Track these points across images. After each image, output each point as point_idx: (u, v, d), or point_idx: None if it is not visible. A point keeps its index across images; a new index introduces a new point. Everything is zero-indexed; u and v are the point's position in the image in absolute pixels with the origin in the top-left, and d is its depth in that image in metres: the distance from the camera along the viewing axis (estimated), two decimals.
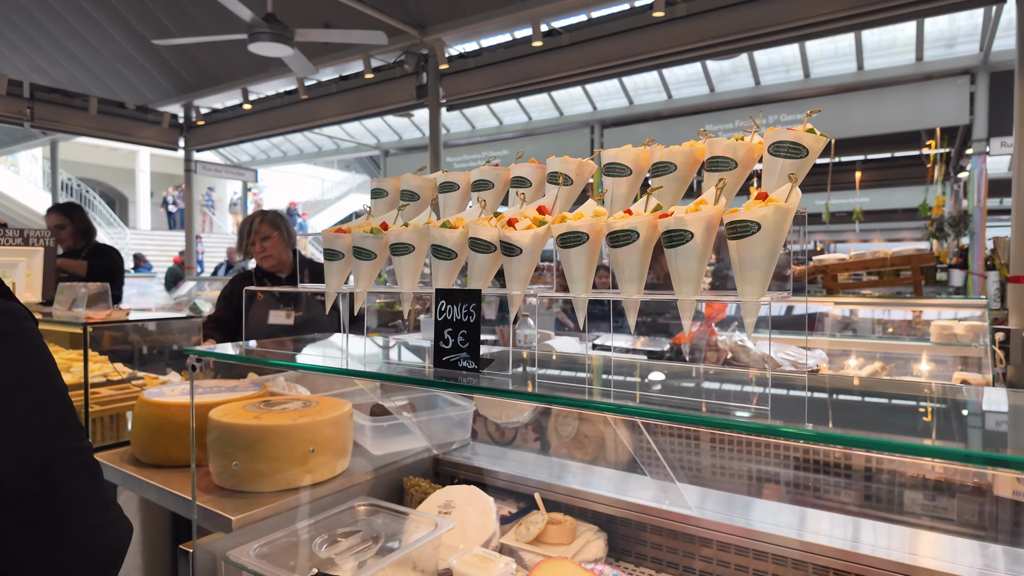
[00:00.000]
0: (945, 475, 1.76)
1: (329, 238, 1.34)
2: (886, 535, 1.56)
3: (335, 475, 1.87)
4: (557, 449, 2.06)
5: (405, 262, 1.22)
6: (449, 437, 2.23)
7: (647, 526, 1.79)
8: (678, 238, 0.89)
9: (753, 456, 1.92)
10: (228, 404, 1.93)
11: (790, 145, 0.94)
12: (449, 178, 1.35)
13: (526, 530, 1.78)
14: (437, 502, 1.88)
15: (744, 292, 0.85)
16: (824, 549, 1.50)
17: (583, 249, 1.00)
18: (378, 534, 1.66)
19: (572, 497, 1.86)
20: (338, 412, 1.88)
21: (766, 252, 0.84)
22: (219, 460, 1.76)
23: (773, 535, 1.57)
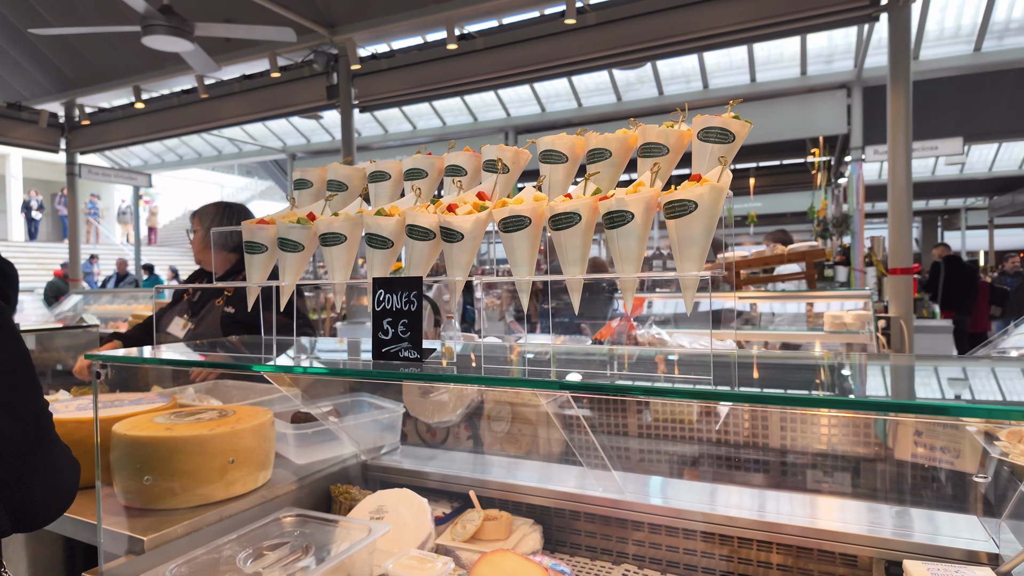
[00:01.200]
0: (849, 446, 1.91)
1: (250, 230, 1.26)
2: (801, 505, 1.66)
3: (257, 487, 1.76)
4: (491, 446, 2.05)
5: (336, 253, 1.17)
6: (378, 441, 2.16)
7: (581, 514, 1.82)
8: (619, 219, 0.91)
9: (682, 440, 2.00)
10: (134, 417, 1.78)
11: (719, 131, 0.98)
12: (380, 167, 1.31)
13: (462, 529, 1.75)
14: (368, 508, 1.82)
15: (683, 268, 0.88)
16: (747, 522, 1.59)
17: (525, 233, 1.00)
18: (308, 544, 1.58)
19: (507, 492, 1.86)
20: (259, 420, 1.78)
21: (703, 230, 0.87)
22: (127, 478, 1.61)
23: (701, 512, 1.64)
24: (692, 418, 2.06)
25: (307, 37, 6.08)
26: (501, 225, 1.00)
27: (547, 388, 1.02)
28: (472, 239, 1.04)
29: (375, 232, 1.12)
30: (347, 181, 1.35)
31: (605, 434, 1.99)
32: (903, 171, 4.17)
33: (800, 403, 0.85)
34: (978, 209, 20.89)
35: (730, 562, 1.64)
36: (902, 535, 1.44)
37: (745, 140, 4.00)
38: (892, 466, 1.74)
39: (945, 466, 1.56)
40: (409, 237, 1.09)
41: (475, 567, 1.32)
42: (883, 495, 1.77)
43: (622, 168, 1.11)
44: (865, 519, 1.55)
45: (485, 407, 2.13)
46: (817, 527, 1.54)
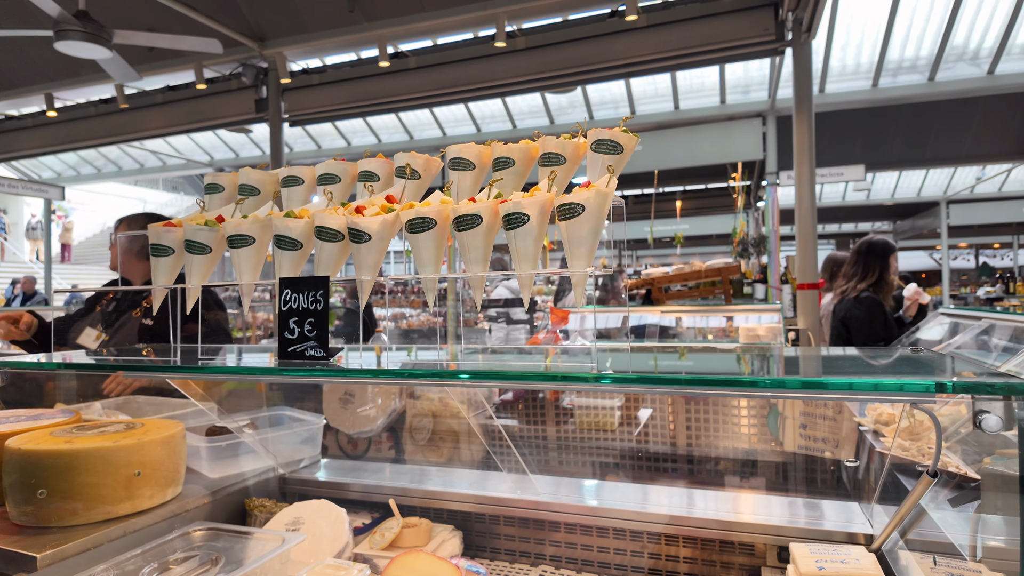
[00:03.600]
0: (746, 443, 2.03)
1: (156, 232, 1.25)
2: (704, 499, 1.76)
3: (166, 501, 1.71)
4: (412, 455, 2.07)
5: (245, 255, 1.18)
6: (296, 455, 2.13)
7: (500, 518, 1.85)
8: (516, 220, 0.97)
9: (596, 444, 2.07)
10: (30, 432, 1.69)
11: (609, 143, 1.07)
12: (293, 172, 1.33)
13: (380, 537, 1.76)
14: (284, 520, 1.80)
15: (573, 266, 0.95)
16: (656, 517, 1.67)
17: (431, 235, 1.04)
18: (217, 556, 1.54)
19: (428, 499, 1.87)
20: (168, 432, 1.73)
21: (590, 230, 0.95)
22: (20, 496, 1.53)
23: (613, 510, 1.71)
24: (605, 422, 2.14)
25: (235, 50, 5.97)
26: (408, 226, 1.05)
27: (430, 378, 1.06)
28: (380, 240, 1.07)
29: (283, 234, 1.14)
30: (259, 186, 1.36)
31: (523, 440, 2.05)
32: (807, 193, 4.50)
33: (669, 383, 0.93)
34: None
35: (641, 557, 1.71)
36: (790, 522, 1.55)
37: (672, 164, 4.34)
38: (781, 459, 1.87)
39: (826, 455, 1.69)
40: (318, 239, 1.12)
41: (387, 569, 1.33)
42: (775, 486, 1.89)
43: (525, 176, 1.18)
44: (760, 510, 1.66)
45: (407, 417, 2.14)
46: (718, 519, 1.64)
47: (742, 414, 1.98)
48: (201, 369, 1.21)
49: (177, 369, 1.18)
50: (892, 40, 7.97)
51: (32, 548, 1.39)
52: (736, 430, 1.95)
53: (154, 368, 1.25)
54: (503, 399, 1.99)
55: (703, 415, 2.04)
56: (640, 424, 2.09)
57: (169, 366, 1.20)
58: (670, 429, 2.03)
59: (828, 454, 1.65)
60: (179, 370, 1.16)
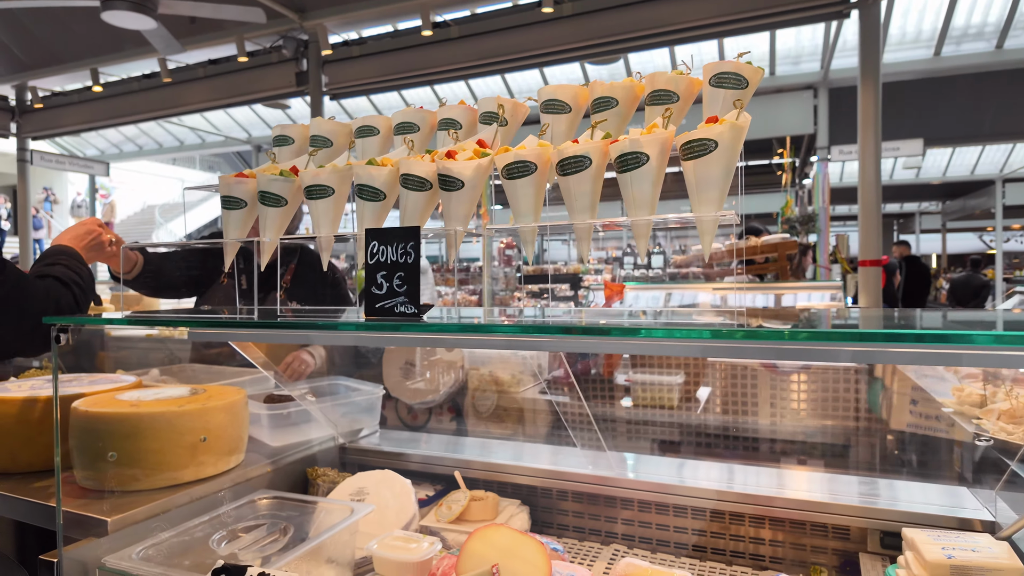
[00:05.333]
0: (840, 420, 1.90)
1: (228, 184, 1.18)
2: (793, 479, 1.65)
3: (229, 469, 1.67)
4: (475, 427, 1.99)
5: (323, 207, 1.10)
6: (356, 424, 2.08)
7: (568, 494, 1.77)
8: (633, 161, 0.86)
9: (673, 418, 1.97)
10: (96, 395, 1.67)
11: (733, 76, 0.95)
12: (368, 122, 1.24)
13: (447, 509, 1.69)
14: (348, 490, 1.74)
15: (701, 212, 0.84)
16: (738, 496, 1.56)
17: (530, 180, 0.94)
18: (285, 526, 1.50)
19: (493, 472, 1.80)
20: (232, 398, 1.68)
21: (722, 170, 0.84)
22: (88, 459, 1.50)
23: (691, 488, 1.61)
24: (682, 396, 2.04)
25: (276, 21, 5.91)
26: (505, 172, 0.95)
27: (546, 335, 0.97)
28: (472, 188, 0.98)
29: (366, 183, 1.06)
30: (331, 137, 1.28)
31: (592, 415, 1.95)
32: (872, 165, 4.26)
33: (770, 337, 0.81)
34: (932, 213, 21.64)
35: (722, 539, 1.62)
36: (892, 504, 1.43)
37: None
38: (881, 438, 1.74)
39: (939, 436, 1.56)
40: (403, 187, 1.03)
41: (468, 543, 1.26)
42: (868, 466, 1.77)
43: (628, 119, 1.07)
44: (857, 491, 1.54)
45: (469, 388, 2.07)
46: (808, 499, 1.53)
47: (830, 387, 1.85)
48: (291, 325, 1.14)
49: (256, 325, 1.10)
50: (958, 5, 7.51)
51: (101, 512, 1.36)
52: (831, 404, 1.83)
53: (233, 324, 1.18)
54: (559, 374, 1.90)
55: (788, 387, 1.91)
56: (720, 397, 1.98)
57: (312, 322, 1.12)
58: (751, 403, 1.91)
59: (939, 435, 1.52)
60: (328, 326, 1.07)
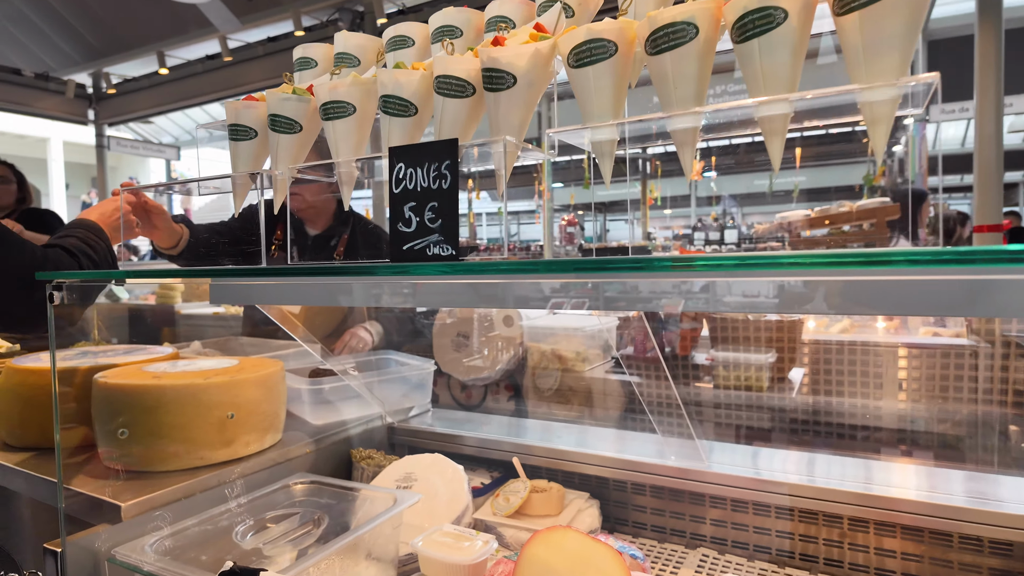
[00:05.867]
0: (969, 405, 1.56)
1: (235, 110, 0.97)
2: (930, 477, 1.33)
3: (264, 449, 1.50)
4: (536, 408, 1.75)
5: (342, 129, 0.88)
6: (405, 402, 1.89)
7: (646, 488, 1.51)
8: (764, 22, 0.59)
9: (773, 403, 1.67)
10: (124, 366, 1.53)
11: None
12: (400, 31, 1.00)
13: (505, 501, 1.46)
14: (394, 475, 1.55)
15: (874, 84, 0.56)
16: (858, 498, 1.26)
17: (608, 67, 0.68)
18: (320, 516, 1.31)
19: (557, 460, 1.56)
20: (265, 371, 1.51)
21: (904, 25, 0.55)
22: (108, 435, 1.37)
23: (798, 485, 1.32)
24: (776, 375, 1.73)
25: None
26: (573, 57, 0.69)
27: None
28: (528, 85, 0.73)
29: (392, 93, 0.82)
30: (359, 53, 1.05)
31: (671, 398, 1.67)
32: (992, 121, 3.69)
33: None
34: None
35: (839, 548, 1.32)
36: None
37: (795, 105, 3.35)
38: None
39: None
40: (438, 94, 0.79)
41: (529, 546, 1.02)
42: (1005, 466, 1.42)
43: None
44: (979, 489, 1.21)
45: (529, 364, 1.83)
46: (957, 505, 1.21)
47: (975, 362, 1.50)
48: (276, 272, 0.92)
49: (343, 270, 0.86)
50: None
51: (116, 496, 1.21)
52: (965, 384, 1.48)
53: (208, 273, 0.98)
54: (630, 351, 1.62)
55: (918, 363, 1.58)
56: (829, 377, 1.66)
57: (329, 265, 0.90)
58: (873, 383, 1.58)
59: None
60: (344, 270, 0.83)
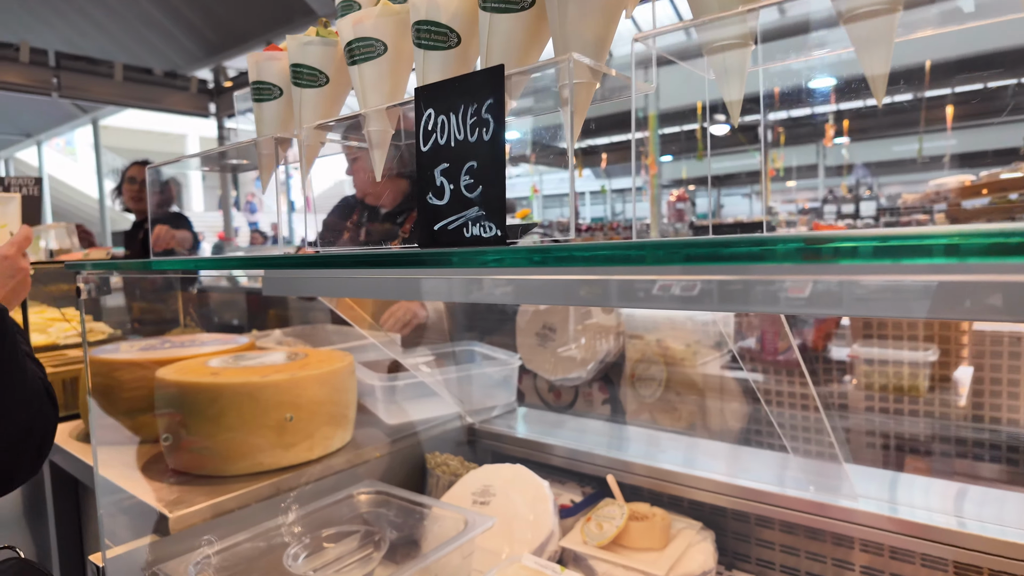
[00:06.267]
0: None
1: (257, 64, 0.80)
2: None
3: (330, 452, 1.36)
4: (636, 414, 1.50)
5: (371, 73, 0.67)
6: (488, 400, 1.70)
7: (775, 523, 1.22)
8: None
9: (945, 415, 1.32)
10: (190, 359, 1.45)
11: None
12: None
13: (597, 528, 1.23)
14: (472, 487, 1.36)
15: None
16: None
17: None
18: (382, 537, 1.15)
19: (662, 481, 1.30)
20: (331, 366, 1.37)
21: None
22: (166, 434, 1.28)
23: (982, 538, 0.98)
24: (946, 376, 1.36)
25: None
26: None
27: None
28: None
29: (427, 18, 0.60)
30: None
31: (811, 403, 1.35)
32: None
33: None
34: None
35: None
36: None
37: (944, 53, 2.75)
38: None
39: None
40: (484, 9, 0.56)
41: None
42: None
43: None
44: None
45: (628, 362, 1.57)
46: None
47: None
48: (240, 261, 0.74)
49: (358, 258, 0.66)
50: None
51: (169, 504, 1.11)
52: None
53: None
54: (766, 350, 1.31)
55: None
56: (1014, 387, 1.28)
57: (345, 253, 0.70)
58: None
59: None
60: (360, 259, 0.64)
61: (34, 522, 1.65)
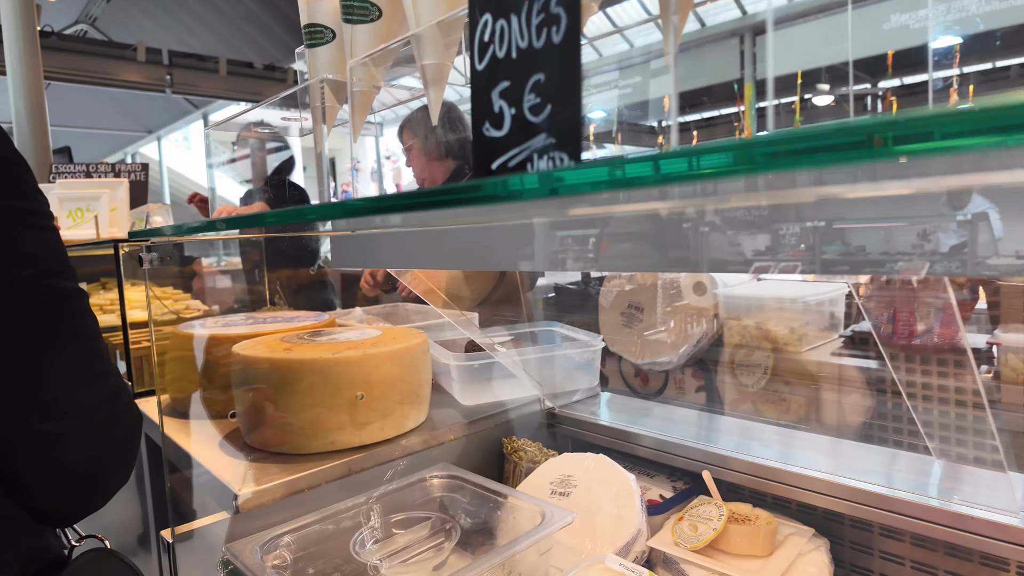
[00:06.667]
0: None
1: (308, 5, 0.73)
2: None
3: (403, 432, 1.31)
4: (736, 405, 1.34)
5: (425, 2, 0.57)
6: (568, 384, 1.59)
7: (907, 535, 1.04)
8: None
9: None
10: (266, 335, 1.44)
11: None
12: None
13: (691, 530, 1.10)
14: (550, 476, 1.27)
15: None
16: None
17: None
18: (453, 526, 1.07)
19: (765, 480, 1.15)
20: (404, 344, 1.31)
21: None
22: (241, 410, 1.27)
23: None
24: None
25: None
26: None
27: None
28: None
29: None
30: None
31: (967, 397, 1.14)
32: None
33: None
34: None
35: None
36: None
37: None
38: None
39: None
40: None
41: None
42: None
43: None
44: None
45: (727, 347, 1.41)
46: None
47: None
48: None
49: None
50: None
51: (239, 481, 1.08)
52: None
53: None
54: (897, 332, 1.12)
55: None
56: None
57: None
58: None
59: None
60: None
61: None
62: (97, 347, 0.74)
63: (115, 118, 13.60)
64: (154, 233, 0.97)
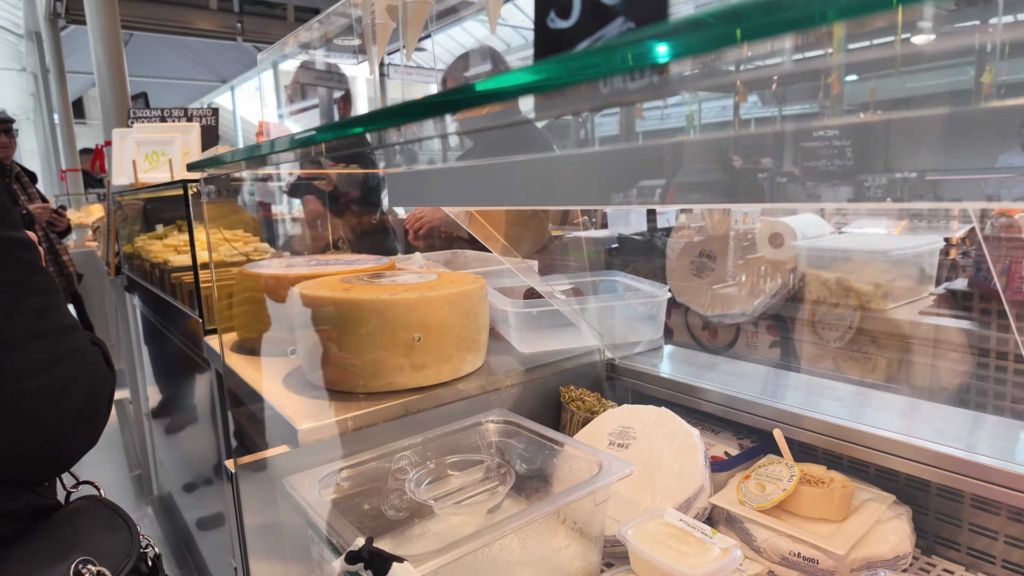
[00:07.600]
0: None
1: None
2: None
3: (460, 376, 1.30)
4: (815, 362, 1.25)
5: None
6: (631, 335, 1.53)
7: (1003, 507, 0.95)
8: None
9: None
10: (329, 276, 1.44)
11: None
12: None
13: (759, 489, 1.04)
14: (609, 427, 1.23)
15: None
16: None
17: None
18: (508, 471, 1.06)
19: (843, 441, 1.07)
20: (461, 288, 1.28)
21: None
22: (303, 348, 1.28)
23: None
24: None
25: None
26: None
27: None
28: None
29: None
30: None
31: None
32: None
33: None
34: None
35: None
36: None
37: None
38: None
39: None
40: None
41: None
42: None
43: None
44: None
45: (806, 302, 1.31)
46: None
47: None
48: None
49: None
50: None
51: (300, 417, 1.10)
52: None
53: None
54: (1011, 287, 0.99)
55: None
56: None
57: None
58: None
59: None
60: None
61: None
62: (45, 304, 0.67)
63: (192, 68, 14.02)
64: (212, 163, 0.96)
